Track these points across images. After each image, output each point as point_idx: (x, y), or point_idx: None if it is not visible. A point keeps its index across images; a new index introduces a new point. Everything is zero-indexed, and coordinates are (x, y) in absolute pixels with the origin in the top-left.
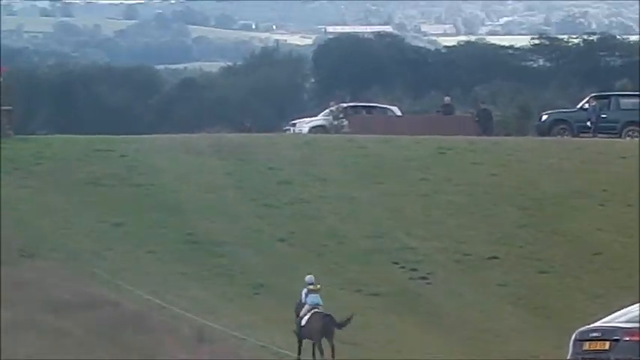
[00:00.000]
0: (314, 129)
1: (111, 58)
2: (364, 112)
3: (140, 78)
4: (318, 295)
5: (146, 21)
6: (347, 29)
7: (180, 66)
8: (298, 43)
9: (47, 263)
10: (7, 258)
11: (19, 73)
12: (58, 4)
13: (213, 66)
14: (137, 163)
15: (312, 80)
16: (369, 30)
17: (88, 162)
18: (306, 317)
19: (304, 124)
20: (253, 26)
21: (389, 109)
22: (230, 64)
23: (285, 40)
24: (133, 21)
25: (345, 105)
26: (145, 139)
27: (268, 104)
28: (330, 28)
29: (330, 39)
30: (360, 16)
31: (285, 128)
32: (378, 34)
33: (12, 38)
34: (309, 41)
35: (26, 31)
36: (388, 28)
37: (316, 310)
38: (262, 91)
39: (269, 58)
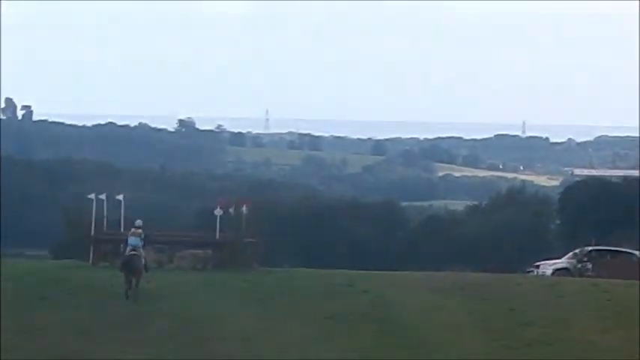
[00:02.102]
0: (558, 271)
1: (357, 193)
2: (609, 256)
3: (385, 213)
4: (138, 238)
5: (393, 157)
6: (594, 172)
7: (426, 203)
8: (545, 184)
9: None
10: None
11: (265, 205)
12: (307, 138)
13: (459, 204)
14: (379, 299)
15: (557, 222)
16: (617, 174)
17: (329, 297)
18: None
19: (548, 267)
20: (500, 166)
21: (634, 254)
22: (476, 202)
23: (532, 181)
24: (381, 157)
25: (589, 248)
26: (387, 275)
27: (512, 244)
28: (577, 171)
29: (578, 181)
30: (607, 159)
31: (528, 270)
32: (626, 179)
33: (260, 170)
34: (555, 183)
35: (274, 164)
36: (636, 173)
37: (134, 252)
38: (507, 231)
39: (515, 198)
